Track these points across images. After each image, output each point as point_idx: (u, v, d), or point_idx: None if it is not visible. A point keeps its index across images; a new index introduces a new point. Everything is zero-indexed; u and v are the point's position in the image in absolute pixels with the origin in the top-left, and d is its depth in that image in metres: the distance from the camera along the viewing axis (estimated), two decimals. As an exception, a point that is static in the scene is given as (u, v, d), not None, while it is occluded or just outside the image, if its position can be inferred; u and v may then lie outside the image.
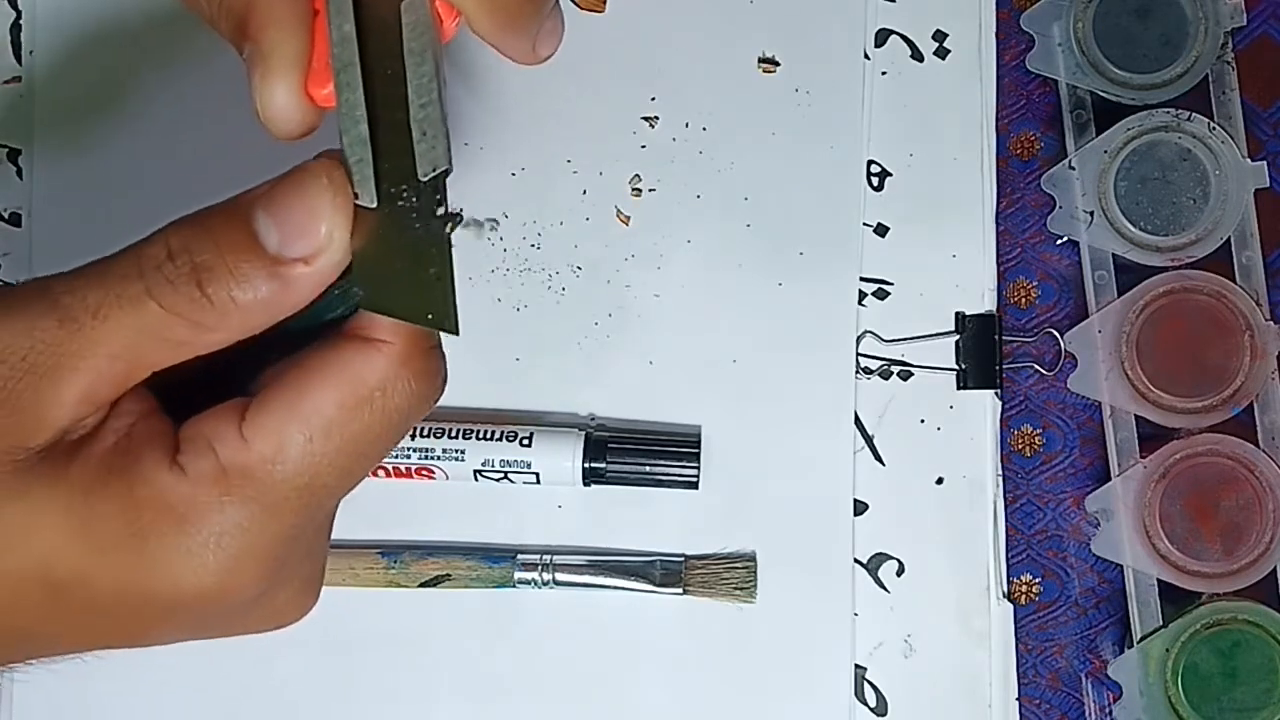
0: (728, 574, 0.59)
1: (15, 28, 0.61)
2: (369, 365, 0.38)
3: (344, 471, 0.38)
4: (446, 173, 0.38)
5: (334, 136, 0.39)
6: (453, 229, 0.38)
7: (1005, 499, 0.60)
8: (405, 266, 0.37)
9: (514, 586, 0.58)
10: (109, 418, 0.38)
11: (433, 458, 0.58)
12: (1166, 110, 0.58)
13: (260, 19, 0.39)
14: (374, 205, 0.38)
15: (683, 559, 0.59)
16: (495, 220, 0.38)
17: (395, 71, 0.38)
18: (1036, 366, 0.60)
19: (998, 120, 0.61)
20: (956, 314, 0.60)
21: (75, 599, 0.38)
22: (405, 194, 0.38)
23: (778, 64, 0.61)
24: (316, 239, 0.37)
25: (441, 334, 0.39)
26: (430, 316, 0.37)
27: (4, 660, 0.40)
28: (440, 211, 0.37)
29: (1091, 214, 0.58)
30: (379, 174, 0.38)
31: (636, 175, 0.60)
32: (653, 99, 0.60)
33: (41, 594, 0.38)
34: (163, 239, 0.37)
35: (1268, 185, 0.58)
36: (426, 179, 0.38)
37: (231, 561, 0.38)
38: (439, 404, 0.40)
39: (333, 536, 0.42)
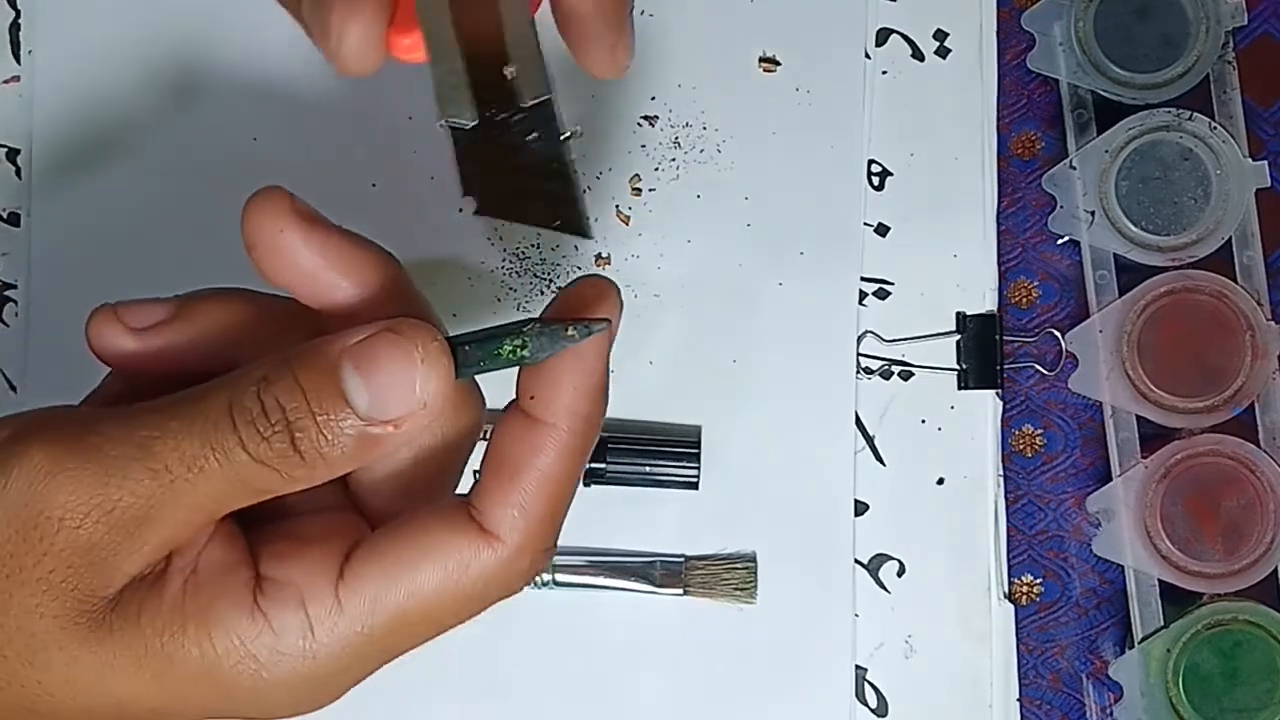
0: (728, 574, 0.59)
1: (15, 27, 0.61)
2: (478, 559, 0.38)
3: (421, 639, 0.39)
4: (549, 100, 0.38)
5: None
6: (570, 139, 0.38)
7: (1006, 499, 0.60)
8: (522, 180, 0.38)
9: (514, 587, 0.58)
10: (174, 556, 0.38)
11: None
12: (1167, 110, 0.57)
13: None
14: (473, 123, 0.38)
15: (683, 559, 0.59)
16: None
17: (488, 16, 0.38)
18: (1037, 366, 0.60)
19: (999, 120, 0.60)
20: (957, 314, 0.60)
21: None
22: (514, 119, 0.38)
23: (778, 63, 0.60)
24: (408, 405, 0.37)
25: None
26: (558, 223, 0.38)
27: None
28: (556, 130, 0.38)
29: (1092, 214, 0.58)
30: (479, 101, 0.38)
31: (636, 175, 0.60)
32: (653, 99, 0.60)
33: None
34: (254, 391, 0.37)
35: (1269, 185, 0.58)
36: (531, 105, 0.37)
37: (301, 706, 0.39)
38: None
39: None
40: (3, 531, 0.36)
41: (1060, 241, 0.60)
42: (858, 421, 0.60)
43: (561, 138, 0.38)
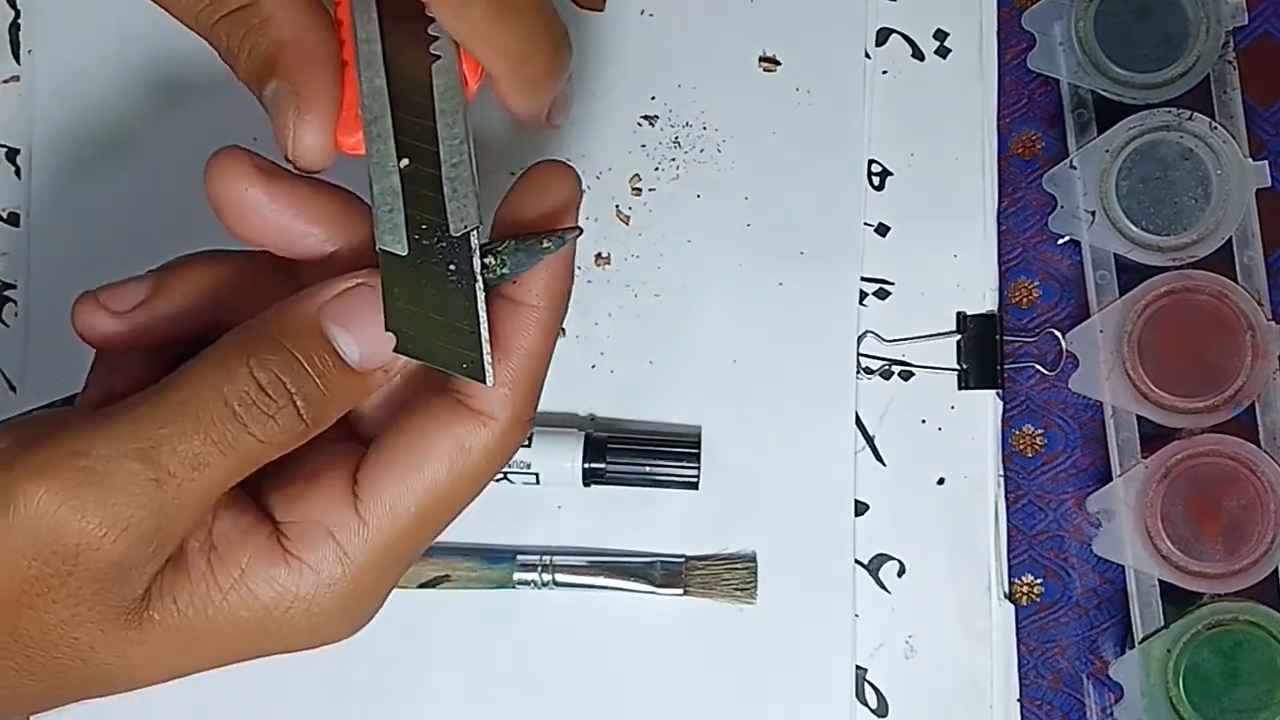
0: (728, 575, 0.59)
1: (14, 27, 0.61)
2: (475, 439, 0.40)
3: (444, 524, 0.41)
4: (477, 229, 0.39)
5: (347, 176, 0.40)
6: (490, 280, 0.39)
7: (1006, 499, 0.60)
8: (439, 318, 0.39)
9: (514, 587, 0.58)
10: (186, 538, 0.39)
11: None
12: (1168, 109, 0.57)
13: (294, 59, 0.40)
14: (404, 253, 0.39)
15: (683, 560, 0.59)
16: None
17: (425, 128, 0.40)
18: (1038, 366, 0.60)
19: (999, 119, 0.60)
20: (958, 314, 0.60)
21: (203, 671, 0.41)
22: (438, 246, 0.39)
23: (778, 63, 0.60)
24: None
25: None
26: (464, 367, 0.39)
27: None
28: (473, 267, 0.39)
29: (1093, 213, 0.58)
30: (410, 223, 0.39)
31: (636, 175, 0.60)
32: (653, 99, 0.60)
33: (174, 679, 0.40)
34: (245, 372, 0.37)
35: (1269, 185, 0.58)
36: (458, 235, 0.39)
37: (354, 624, 0.41)
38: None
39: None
40: (19, 562, 0.37)
41: (1060, 241, 0.60)
42: (858, 421, 0.60)
43: (478, 272, 0.39)
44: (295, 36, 0.40)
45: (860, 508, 0.59)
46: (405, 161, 0.39)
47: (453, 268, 0.39)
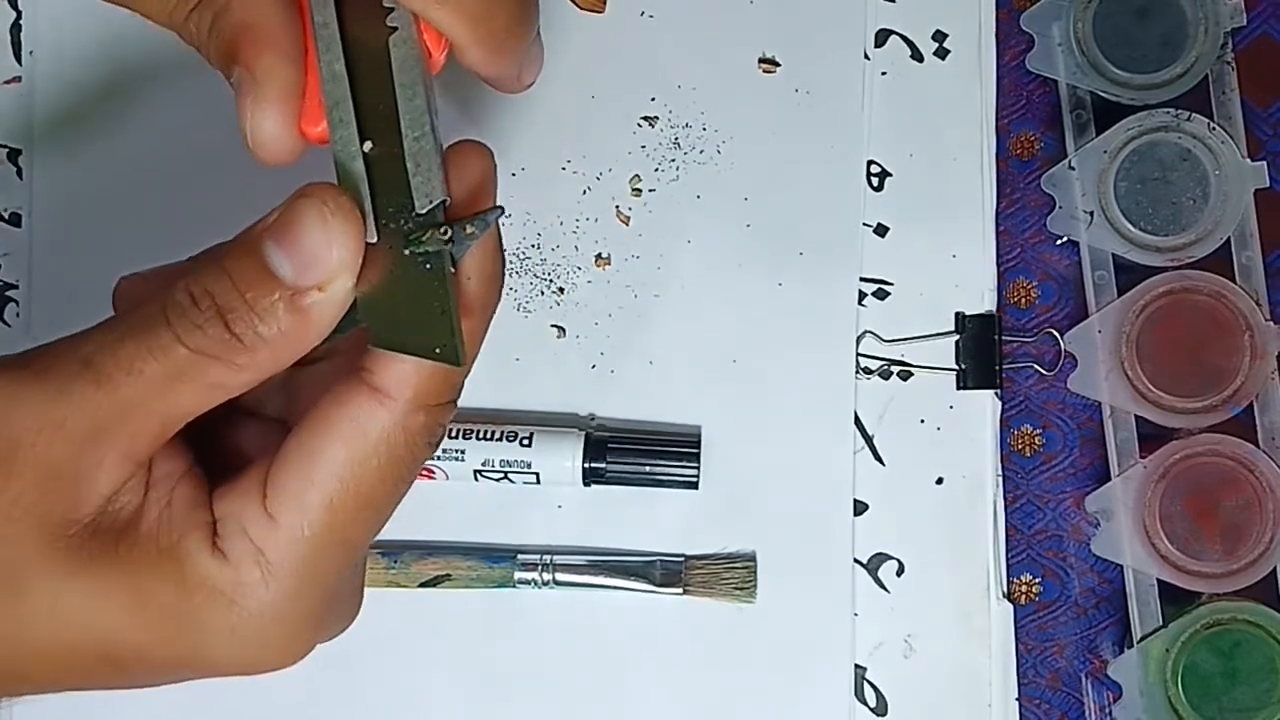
0: (728, 574, 0.59)
1: (15, 28, 0.61)
2: (371, 420, 0.38)
3: (369, 521, 0.39)
4: (444, 204, 0.38)
5: (321, 161, 0.39)
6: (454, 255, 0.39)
7: (1005, 499, 0.60)
8: (410, 302, 0.38)
9: (514, 587, 0.58)
10: (149, 488, 0.38)
11: (432, 457, 0.58)
12: (1166, 110, 0.58)
13: (254, 45, 0.39)
14: (374, 241, 0.38)
15: (683, 559, 0.59)
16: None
17: (387, 106, 0.39)
18: (1036, 366, 0.60)
19: (998, 120, 0.61)
20: (956, 314, 0.60)
21: (132, 668, 0.39)
22: (405, 228, 0.38)
23: (778, 64, 0.61)
24: (329, 265, 0.37)
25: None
26: (438, 351, 0.38)
27: (42, 693, 0.41)
28: (441, 244, 0.38)
29: (1091, 214, 0.58)
30: (377, 209, 0.38)
31: (636, 175, 0.60)
32: (653, 99, 0.60)
33: (100, 666, 0.39)
34: (184, 285, 0.38)
35: (1268, 185, 0.58)
36: (424, 211, 0.38)
37: (284, 635, 0.39)
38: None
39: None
40: None
41: (1059, 242, 0.60)
42: (857, 421, 0.60)
43: (446, 247, 0.38)
44: (255, 20, 0.39)
45: (859, 507, 0.59)
46: (369, 145, 0.38)
47: (423, 246, 0.38)
